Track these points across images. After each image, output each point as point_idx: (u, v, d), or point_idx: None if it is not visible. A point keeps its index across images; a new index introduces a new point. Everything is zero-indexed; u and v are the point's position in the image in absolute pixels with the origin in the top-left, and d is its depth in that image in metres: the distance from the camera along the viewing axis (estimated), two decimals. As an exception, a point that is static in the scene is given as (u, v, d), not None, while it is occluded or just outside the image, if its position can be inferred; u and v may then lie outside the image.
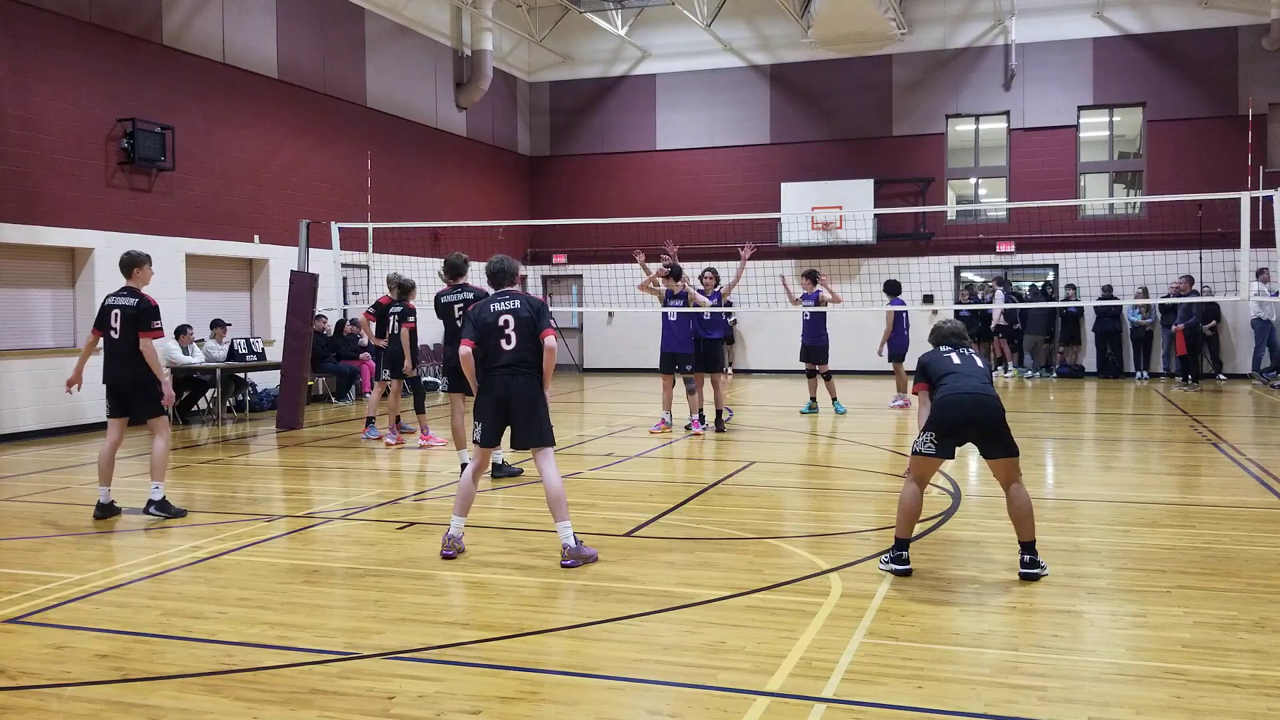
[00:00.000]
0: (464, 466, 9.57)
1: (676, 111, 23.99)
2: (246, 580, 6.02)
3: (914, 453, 5.98)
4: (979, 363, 6.15)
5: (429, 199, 20.80)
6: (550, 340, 6.45)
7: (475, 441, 6.57)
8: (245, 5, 16.20)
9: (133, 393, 7.81)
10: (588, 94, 24.67)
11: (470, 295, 9.39)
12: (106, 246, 13.74)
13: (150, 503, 7.84)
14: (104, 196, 13.77)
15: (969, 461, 10.37)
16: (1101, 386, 19.15)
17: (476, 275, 9.75)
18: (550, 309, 6.75)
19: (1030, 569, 5.84)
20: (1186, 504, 8.18)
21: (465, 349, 6.51)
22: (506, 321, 6.44)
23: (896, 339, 15.44)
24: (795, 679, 4.33)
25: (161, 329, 7.89)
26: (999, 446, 5.86)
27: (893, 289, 15.61)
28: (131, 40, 14.21)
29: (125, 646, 4.84)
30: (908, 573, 5.90)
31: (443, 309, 9.60)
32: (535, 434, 6.45)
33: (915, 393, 6.31)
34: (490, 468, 9.48)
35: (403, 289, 12.16)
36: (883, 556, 6.11)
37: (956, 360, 6.10)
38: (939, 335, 6.42)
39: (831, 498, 8.59)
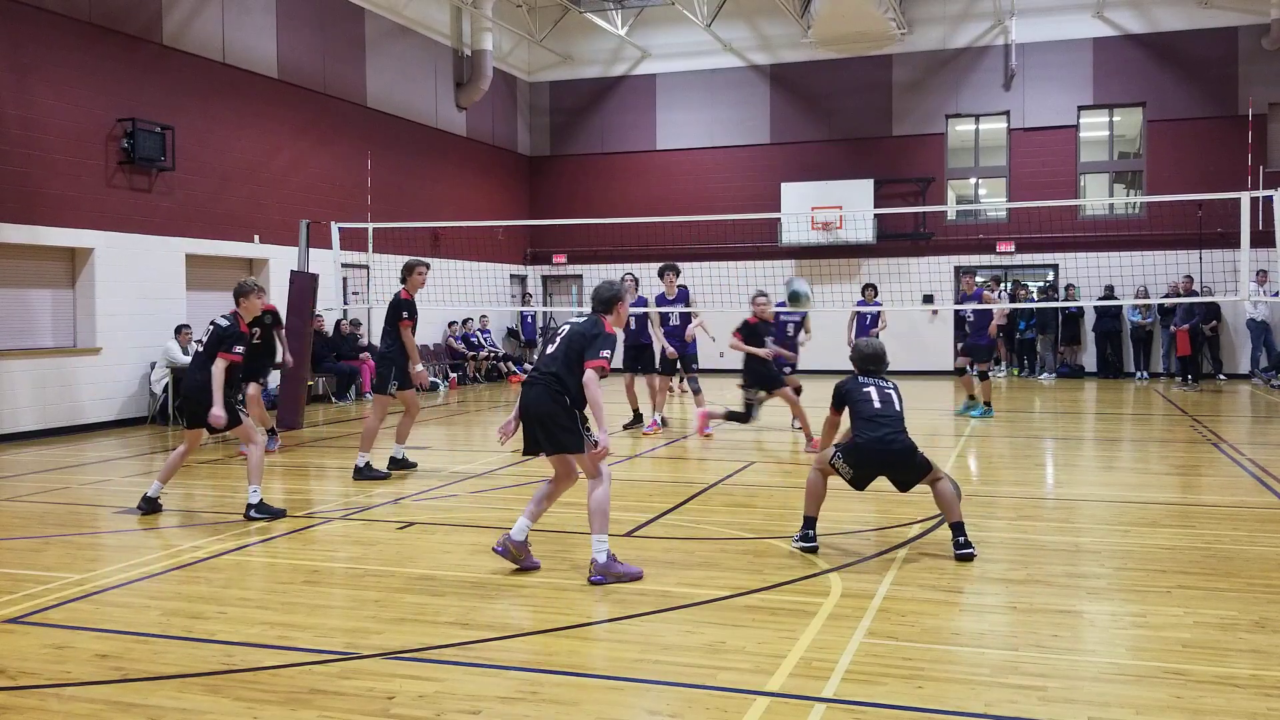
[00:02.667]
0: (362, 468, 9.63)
1: (676, 111, 23.98)
2: (246, 580, 6.02)
3: (830, 462, 6.51)
4: (896, 403, 6.51)
5: (429, 199, 20.80)
6: (590, 373, 5.88)
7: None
8: (245, 5, 16.20)
9: (196, 406, 7.81)
10: (588, 94, 24.66)
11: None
12: (106, 246, 13.75)
13: (249, 506, 7.76)
14: (104, 196, 13.77)
15: (968, 462, 10.39)
16: (1101, 386, 19.15)
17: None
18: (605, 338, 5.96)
19: (964, 549, 6.26)
20: (1186, 504, 8.18)
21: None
22: (559, 330, 6.19)
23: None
24: (795, 679, 4.33)
25: (239, 355, 7.82)
26: (911, 479, 6.48)
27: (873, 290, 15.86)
28: (131, 40, 14.21)
29: (125, 646, 4.84)
30: (814, 549, 6.50)
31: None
32: (547, 440, 6.04)
33: (828, 415, 6.72)
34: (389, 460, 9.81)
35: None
36: (794, 537, 6.65)
37: (876, 403, 6.46)
38: (859, 357, 6.76)
39: (831, 498, 8.56)
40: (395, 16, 19.83)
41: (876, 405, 6.45)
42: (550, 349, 6.10)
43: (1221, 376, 19.81)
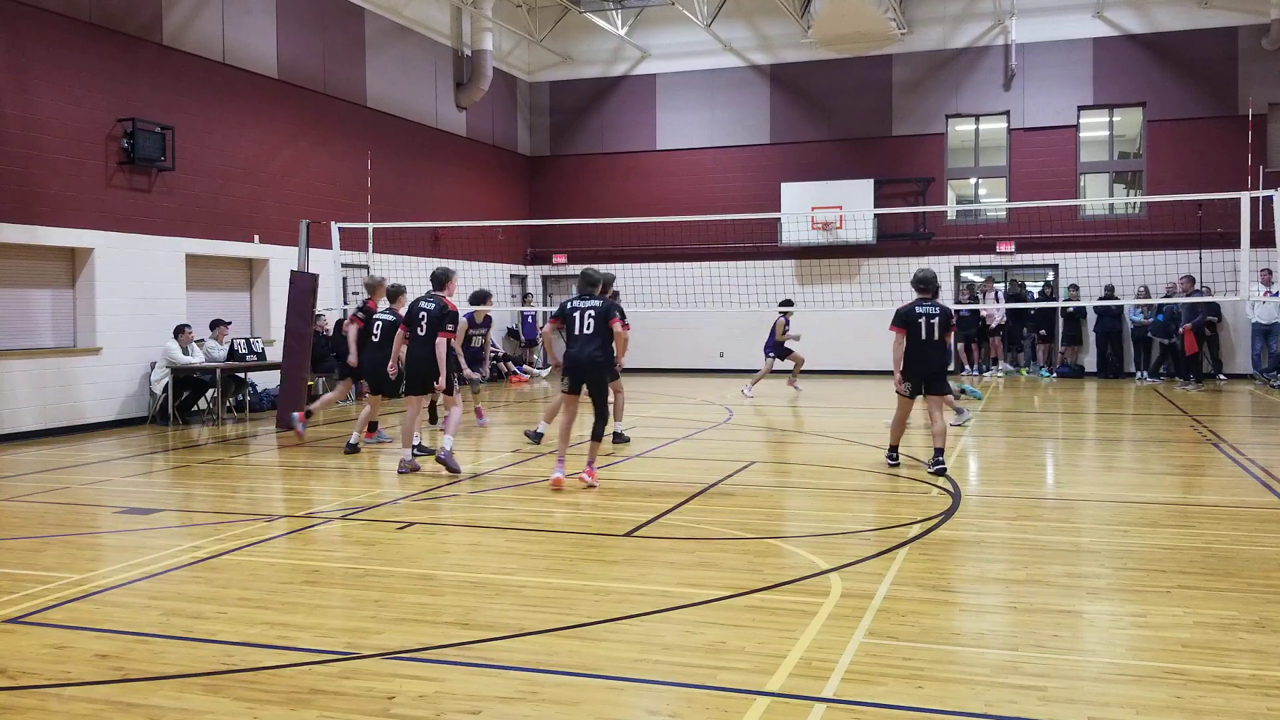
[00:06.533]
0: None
1: (676, 111, 23.98)
2: (246, 580, 6.02)
3: (899, 393, 9.28)
4: (936, 329, 9.07)
5: (429, 199, 20.80)
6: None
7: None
8: (245, 5, 16.20)
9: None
10: (588, 94, 24.66)
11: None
12: (106, 246, 13.75)
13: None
14: (104, 196, 13.77)
15: (968, 462, 10.39)
16: (1101, 386, 19.15)
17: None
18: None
19: (936, 467, 8.97)
20: (1186, 504, 8.19)
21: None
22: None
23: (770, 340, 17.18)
24: (795, 679, 4.33)
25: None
26: (940, 387, 9.41)
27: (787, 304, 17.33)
28: (131, 40, 14.21)
29: (125, 646, 4.84)
30: (896, 464, 9.42)
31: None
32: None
33: (893, 330, 9.22)
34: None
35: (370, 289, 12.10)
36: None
37: (923, 332, 9.04)
38: (919, 281, 9.31)
39: (831, 498, 8.59)
40: (395, 16, 19.83)
41: (923, 336, 8.97)
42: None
43: (1222, 376, 19.80)
